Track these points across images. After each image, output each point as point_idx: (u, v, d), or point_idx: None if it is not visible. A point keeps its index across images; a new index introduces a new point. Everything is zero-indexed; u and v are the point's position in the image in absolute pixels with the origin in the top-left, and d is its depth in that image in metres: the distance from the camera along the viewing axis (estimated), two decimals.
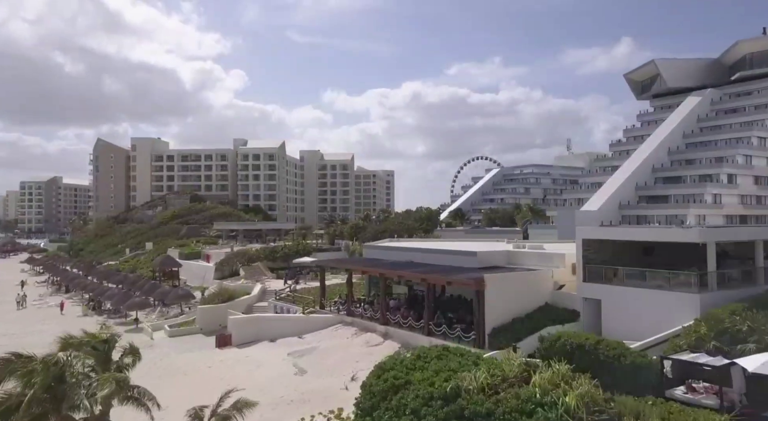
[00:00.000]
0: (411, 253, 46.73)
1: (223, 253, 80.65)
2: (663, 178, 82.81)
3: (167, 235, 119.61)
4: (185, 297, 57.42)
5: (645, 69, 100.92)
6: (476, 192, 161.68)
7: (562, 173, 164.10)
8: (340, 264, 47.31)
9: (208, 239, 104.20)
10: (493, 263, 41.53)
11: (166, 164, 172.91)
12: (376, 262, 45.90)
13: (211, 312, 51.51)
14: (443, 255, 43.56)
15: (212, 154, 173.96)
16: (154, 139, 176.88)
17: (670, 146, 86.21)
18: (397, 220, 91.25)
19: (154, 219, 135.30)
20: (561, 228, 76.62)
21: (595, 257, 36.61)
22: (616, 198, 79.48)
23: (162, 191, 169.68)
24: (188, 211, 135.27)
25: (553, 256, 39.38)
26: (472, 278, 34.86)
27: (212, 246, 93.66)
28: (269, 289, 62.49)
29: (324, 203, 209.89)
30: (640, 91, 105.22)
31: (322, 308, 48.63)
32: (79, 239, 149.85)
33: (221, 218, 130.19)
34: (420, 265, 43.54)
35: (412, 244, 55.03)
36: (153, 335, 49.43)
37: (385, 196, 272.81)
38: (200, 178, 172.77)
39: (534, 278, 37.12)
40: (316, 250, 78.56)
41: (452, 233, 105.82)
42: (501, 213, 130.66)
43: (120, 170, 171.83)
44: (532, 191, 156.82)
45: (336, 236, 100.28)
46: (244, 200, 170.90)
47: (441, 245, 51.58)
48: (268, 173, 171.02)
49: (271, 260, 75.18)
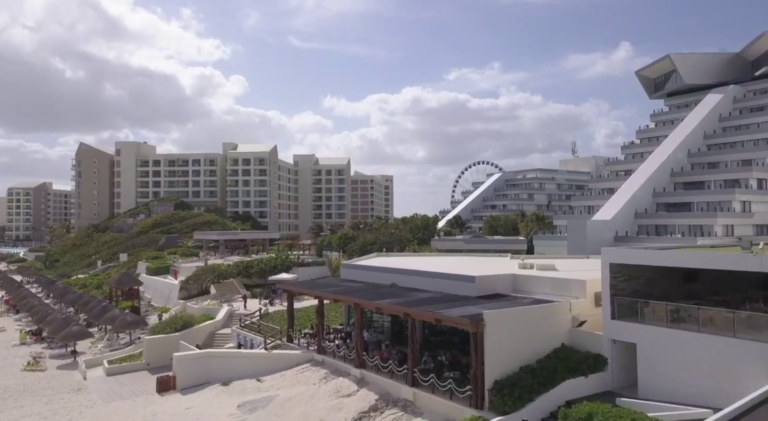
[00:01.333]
0: (396, 275, 38.65)
1: (195, 267, 72.59)
2: (683, 184, 74.69)
3: (145, 245, 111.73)
4: (135, 324, 49.21)
5: (659, 65, 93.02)
6: (477, 198, 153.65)
7: (568, 178, 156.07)
8: (308, 289, 39.36)
9: (186, 249, 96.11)
10: (495, 289, 33.50)
11: (152, 169, 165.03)
12: (350, 288, 37.77)
13: (160, 344, 43.40)
14: (434, 279, 35.51)
15: (200, 158, 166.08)
16: (140, 143, 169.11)
17: (690, 148, 78.17)
18: (388, 231, 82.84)
19: (133, 228, 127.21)
20: (571, 240, 68.57)
21: (625, 286, 28.52)
22: (632, 206, 71.47)
23: (148, 198, 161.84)
24: (170, 219, 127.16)
25: (570, 283, 31.26)
26: (467, 316, 26.73)
27: (188, 259, 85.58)
28: (238, 312, 54.50)
29: (319, 210, 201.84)
30: (654, 90, 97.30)
31: (289, 341, 40.55)
32: (56, 249, 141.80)
33: (205, 227, 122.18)
34: (405, 291, 35.50)
35: (399, 261, 46.93)
36: (87, 374, 41.33)
37: (384, 202, 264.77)
38: (188, 184, 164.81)
39: (547, 313, 28.98)
40: (297, 264, 70.46)
41: (450, 243, 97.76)
42: (503, 221, 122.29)
43: (104, 176, 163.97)
44: (536, 197, 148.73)
45: (324, 246, 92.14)
46: (233, 207, 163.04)
47: (432, 265, 43.49)
48: (258, 179, 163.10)
49: (246, 275, 67.10)
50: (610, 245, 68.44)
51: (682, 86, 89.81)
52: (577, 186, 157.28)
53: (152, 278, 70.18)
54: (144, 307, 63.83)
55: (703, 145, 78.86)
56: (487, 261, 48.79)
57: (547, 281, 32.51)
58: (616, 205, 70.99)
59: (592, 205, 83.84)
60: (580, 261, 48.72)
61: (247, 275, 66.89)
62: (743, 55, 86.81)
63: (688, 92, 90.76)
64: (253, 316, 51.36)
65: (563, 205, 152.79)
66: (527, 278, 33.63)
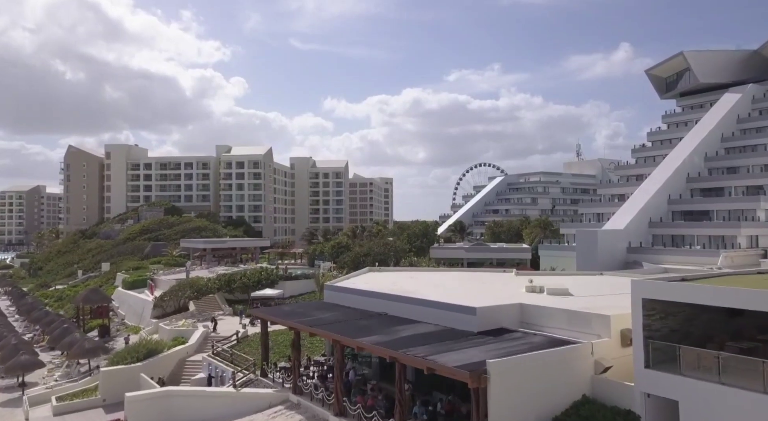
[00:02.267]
0: (386, 302, 33.38)
1: (175, 280, 67.47)
2: (701, 190, 69.38)
3: (130, 253, 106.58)
4: (93, 351, 43.95)
5: (671, 63, 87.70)
6: (479, 202, 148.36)
7: (573, 182, 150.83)
8: (282, 317, 34.09)
9: (170, 259, 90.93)
10: (500, 322, 28.26)
11: (143, 173, 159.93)
12: (331, 319, 32.44)
13: (118, 376, 38.23)
14: (430, 309, 30.24)
15: (193, 161, 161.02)
16: (130, 145, 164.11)
17: (707, 152, 72.85)
18: (383, 241, 77.42)
19: (120, 234, 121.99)
20: (581, 251, 63.33)
21: (661, 326, 23.28)
22: (646, 214, 66.18)
23: (139, 202, 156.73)
24: (159, 225, 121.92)
25: (592, 318, 25.98)
26: (466, 367, 21.49)
27: (171, 270, 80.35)
28: (214, 334, 49.33)
29: (316, 214, 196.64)
30: (665, 89, 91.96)
31: (263, 376, 35.33)
32: (41, 256, 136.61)
33: (194, 233, 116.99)
34: (396, 323, 30.27)
35: (392, 281, 41.70)
36: (30, 413, 36.07)
37: (383, 206, 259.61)
38: (180, 188, 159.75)
39: (565, 358, 23.73)
40: (284, 277, 65.29)
41: (451, 252, 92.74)
42: (506, 227, 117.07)
43: (93, 179, 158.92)
44: (540, 201, 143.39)
45: (316, 256, 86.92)
46: (227, 212, 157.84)
47: (428, 286, 38.27)
48: (252, 182, 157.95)
49: (228, 291, 61.94)
50: (623, 256, 63.33)
51: (696, 85, 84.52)
52: (581, 190, 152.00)
53: (127, 292, 65.00)
54: (116, 326, 58.68)
55: (721, 149, 73.54)
56: (489, 280, 43.58)
57: (562, 314, 27.21)
58: (629, 214, 65.71)
59: (601, 212, 78.58)
60: (593, 279, 43.56)
61: (229, 290, 61.74)
62: (762, 52, 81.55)
63: (702, 92, 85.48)
64: (229, 340, 46.28)
65: (568, 209, 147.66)
66: (538, 310, 28.33)
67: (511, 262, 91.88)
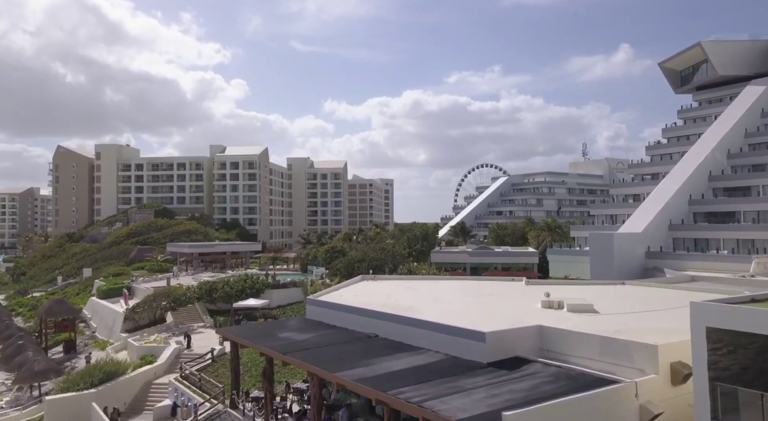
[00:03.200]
0: (378, 322, 27.99)
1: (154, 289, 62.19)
2: (724, 190, 63.90)
3: (116, 258, 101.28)
4: (44, 375, 38.60)
5: (687, 55, 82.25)
6: (482, 204, 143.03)
7: (579, 182, 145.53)
8: (254, 339, 28.66)
9: (155, 264, 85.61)
10: (515, 350, 22.87)
11: (134, 174, 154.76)
12: (311, 343, 26.98)
13: (66, 406, 32.90)
14: (429, 332, 24.87)
15: (185, 162, 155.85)
16: (121, 145, 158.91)
17: (730, 148, 67.36)
18: (380, 245, 71.70)
19: (107, 238, 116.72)
20: (595, 256, 57.93)
21: (729, 362, 17.89)
22: (665, 216, 60.74)
23: (130, 204, 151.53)
24: (147, 228, 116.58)
25: (633, 347, 20.54)
26: (475, 420, 16.13)
27: (155, 276, 74.98)
28: (188, 351, 44.07)
29: (314, 216, 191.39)
30: (680, 83, 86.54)
31: (233, 407, 29.95)
32: (25, 260, 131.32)
33: (185, 237, 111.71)
34: (388, 349, 24.94)
35: (387, 292, 36.37)
36: None
37: (383, 207, 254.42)
38: (172, 190, 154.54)
39: (602, 403, 18.31)
40: (271, 285, 59.92)
41: (453, 256, 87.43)
42: (510, 229, 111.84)
43: (83, 181, 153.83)
44: (545, 203, 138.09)
45: (309, 261, 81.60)
46: (220, 214, 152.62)
47: (427, 299, 32.90)
48: (247, 183, 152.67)
49: (209, 300, 56.60)
50: (641, 262, 57.93)
51: (714, 78, 79.09)
52: (588, 190, 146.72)
53: (100, 302, 59.66)
54: (84, 340, 53.36)
55: (744, 145, 68.06)
56: (497, 290, 38.21)
57: (593, 341, 21.76)
58: (647, 215, 60.29)
59: (615, 214, 73.17)
60: (616, 291, 38.20)
61: (210, 300, 56.38)
62: None
63: (720, 85, 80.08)
64: (203, 359, 41.01)
65: (574, 211, 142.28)
66: (562, 335, 22.91)
67: (517, 266, 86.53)
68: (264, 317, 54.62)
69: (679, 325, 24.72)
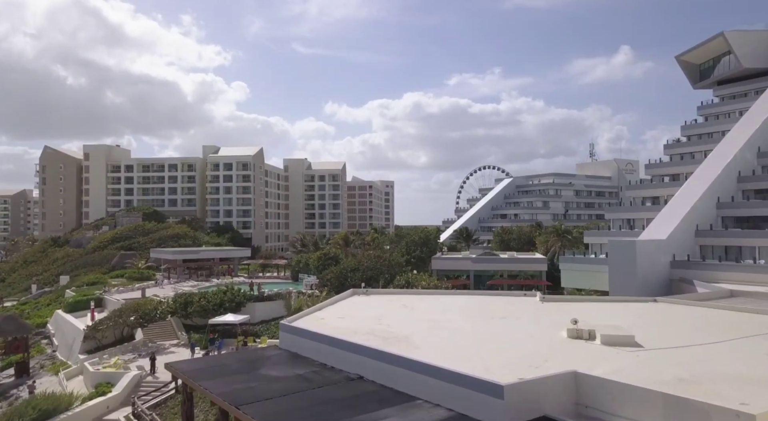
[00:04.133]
0: (366, 361, 21.96)
1: (123, 301, 56.32)
2: (755, 192, 57.91)
3: (97, 264, 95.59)
4: None
5: (708, 47, 76.35)
6: (485, 206, 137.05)
7: (587, 184, 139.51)
8: (207, 379, 22.77)
9: (135, 272, 79.75)
10: (542, 408, 16.96)
11: (123, 176, 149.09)
12: (271, 399, 20.88)
13: None
14: (430, 379, 18.89)
15: (177, 163, 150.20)
16: (111, 146, 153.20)
17: (761, 146, 61.36)
18: (375, 253, 65.47)
19: (91, 242, 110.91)
20: (615, 266, 52.00)
21: None
22: (691, 221, 54.77)
23: (119, 207, 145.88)
24: (133, 232, 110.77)
25: (713, 414, 14.53)
26: None
27: (134, 285, 69.08)
28: (151, 378, 38.23)
29: (312, 219, 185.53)
30: (699, 77, 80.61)
31: None
32: (6, 265, 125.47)
33: (173, 242, 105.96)
34: (376, 400, 19.05)
35: (376, 318, 30.52)
36: None
37: (384, 210, 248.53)
38: (163, 192, 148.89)
39: None
40: (255, 297, 54.04)
41: (455, 263, 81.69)
42: (516, 233, 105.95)
43: (71, 183, 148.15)
44: (552, 205, 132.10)
45: (300, 268, 75.70)
46: (213, 217, 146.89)
47: (426, 320, 27.01)
48: (241, 185, 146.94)
49: (183, 315, 50.73)
50: (666, 272, 51.94)
51: (738, 71, 73.23)
52: (596, 192, 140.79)
53: (64, 317, 53.70)
54: (41, 361, 47.44)
55: None
56: (509, 310, 32.30)
57: (652, 398, 15.79)
58: (671, 220, 54.30)
59: (632, 218, 67.26)
60: (650, 311, 32.30)
61: (185, 315, 50.48)
62: None
63: (745, 79, 74.19)
64: (166, 389, 35.19)
65: (582, 214, 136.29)
66: (606, 386, 16.95)
67: (524, 274, 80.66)
68: (244, 334, 48.81)
69: (764, 369, 18.88)
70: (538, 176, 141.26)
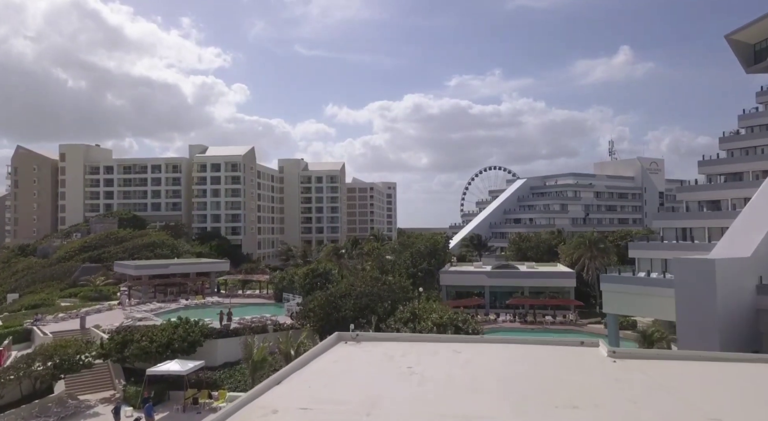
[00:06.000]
0: None
1: (53, 335, 44.33)
2: None
3: (59, 278, 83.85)
4: None
5: (763, 24, 64.05)
6: (497, 210, 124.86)
7: (608, 185, 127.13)
8: None
9: (92, 290, 67.70)
10: None
11: (103, 178, 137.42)
12: None
13: None
14: None
15: (161, 164, 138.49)
16: (89, 146, 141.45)
17: None
18: (373, 274, 52.11)
19: (58, 251, 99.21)
20: (684, 291, 39.91)
21: None
22: None
23: (98, 211, 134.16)
24: (105, 240, 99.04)
25: None
26: None
27: (75, 312, 56.96)
28: None
29: (308, 223, 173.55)
30: (753, 59, 68.30)
31: None
32: None
33: (148, 251, 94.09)
34: None
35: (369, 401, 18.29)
36: None
37: (386, 213, 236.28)
38: (146, 195, 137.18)
39: None
40: (215, 333, 42.07)
41: (468, 278, 69.98)
42: (534, 241, 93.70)
43: (45, 185, 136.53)
44: (571, 209, 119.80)
45: (284, 286, 63.69)
46: (200, 222, 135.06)
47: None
48: (230, 187, 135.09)
49: (119, 360, 38.77)
50: (751, 301, 39.72)
51: None
52: (619, 194, 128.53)
53: None
54: None
55: None
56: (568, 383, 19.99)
57: None
58: (753, 231, 42.15)
59: (688, 226, 55.06)
60: None
61: (121, 359, 38.52)
62: None
63: None
64: None
65: (603, 218, 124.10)
66: None
67: (549, 291, 68.69)
68: (197, 386, 36.86)
69: None
70: (554, 176, 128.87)
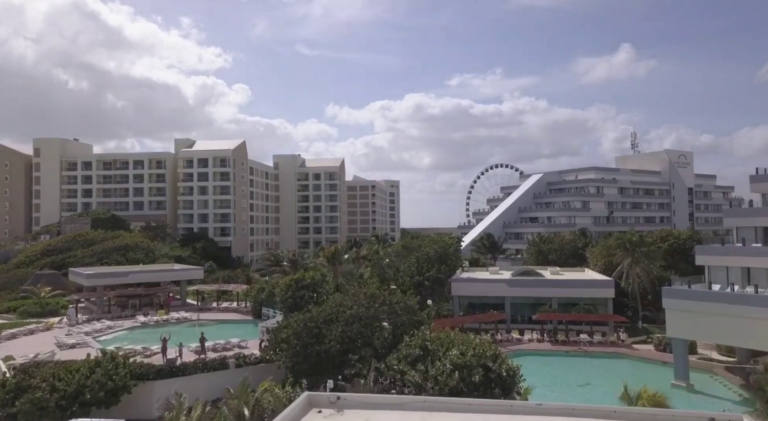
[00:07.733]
0: None
1: None
2: None
3: (12, 286, 72.92)
4: None
5: None
6: (511, 208, 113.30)
7: (633, 180, 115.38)
8: None
9: (34, 302, 56.59)
10: None
11: (80, 174, 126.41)
12: None
13: None
14: None
15: (143, 159, 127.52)
16: (66, 140, 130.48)
17: None
18: (366, 291, 39.76)
19: (18, 256, 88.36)
20: None
21: None
22: None
23: (76, 210, 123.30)
24: (72, 243, 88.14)
25: None
26: None
27: (18, 328, 45.94)
28: None
29: (306, 223, 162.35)
30: None
31: None
32: None
33: (119, 254, 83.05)
34: None
35: None
36: None
37: (388, 212, 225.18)
38: (128, 193, 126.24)
39: None
40: (153, 372, 30.89)
41: (484, 287, 58.88)
42: (557, 243, 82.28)
43: (18, 183, 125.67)
44: (593, 206, 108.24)
45: (263, 299, 52.40)
46: (187, 222, 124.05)
47: None
48: (219, 185, 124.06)
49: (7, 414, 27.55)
50: None
51: None
52: (645, 191, 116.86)
53: None
54: None
55: None
56: None
57: None
58: None
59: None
60: None
61: (11, 417, 27.34)
62: None
63: None
64: None
65: (628, 216, 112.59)
66: None
67: (584, 301, 57.25)
68: None
69: None
70: (573, 171, 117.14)
